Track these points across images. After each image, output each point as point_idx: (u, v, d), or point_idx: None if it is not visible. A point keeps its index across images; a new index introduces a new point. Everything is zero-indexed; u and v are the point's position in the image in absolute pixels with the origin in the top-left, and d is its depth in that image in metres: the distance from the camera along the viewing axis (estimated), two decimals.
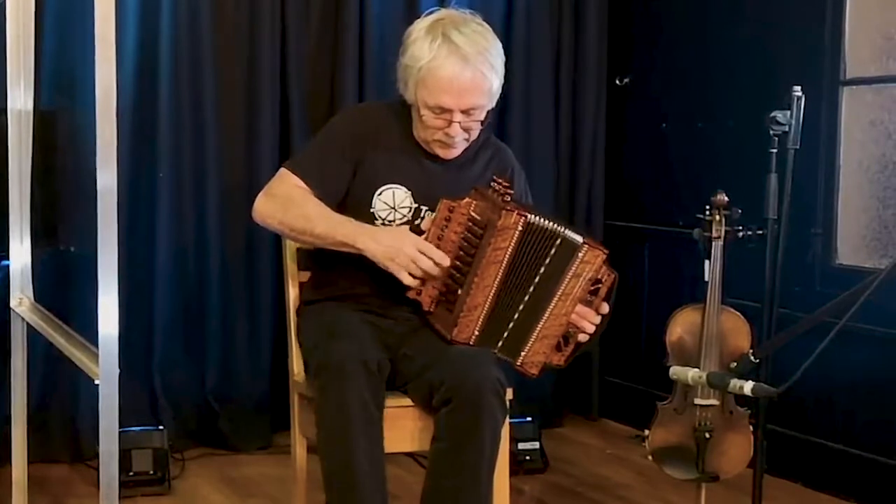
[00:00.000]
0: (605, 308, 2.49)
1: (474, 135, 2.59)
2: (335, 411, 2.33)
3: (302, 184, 2.56)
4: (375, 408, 2.36)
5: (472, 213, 2.45)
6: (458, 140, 2.55)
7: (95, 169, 2.10)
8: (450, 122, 2.51)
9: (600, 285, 2.47)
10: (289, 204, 2.55)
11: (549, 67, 4.24)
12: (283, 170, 2.62)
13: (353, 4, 3.91)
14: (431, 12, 2.60)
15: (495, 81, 2.53)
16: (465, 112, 2.51)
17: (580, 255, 2.44)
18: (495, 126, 4.06)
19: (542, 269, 2.45)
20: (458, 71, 2.47)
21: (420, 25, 2.55)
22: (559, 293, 2.45)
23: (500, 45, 2.57)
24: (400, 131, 2.63)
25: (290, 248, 2.76)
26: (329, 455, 2.36)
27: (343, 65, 3.94)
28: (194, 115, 3.77)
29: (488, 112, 2.57)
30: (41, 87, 3.26)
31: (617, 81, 4.39)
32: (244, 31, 3.82)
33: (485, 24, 2.58)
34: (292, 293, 2.75)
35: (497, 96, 2.57)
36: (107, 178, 2.12)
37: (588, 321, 2.48)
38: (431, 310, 2.49)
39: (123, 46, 3.58)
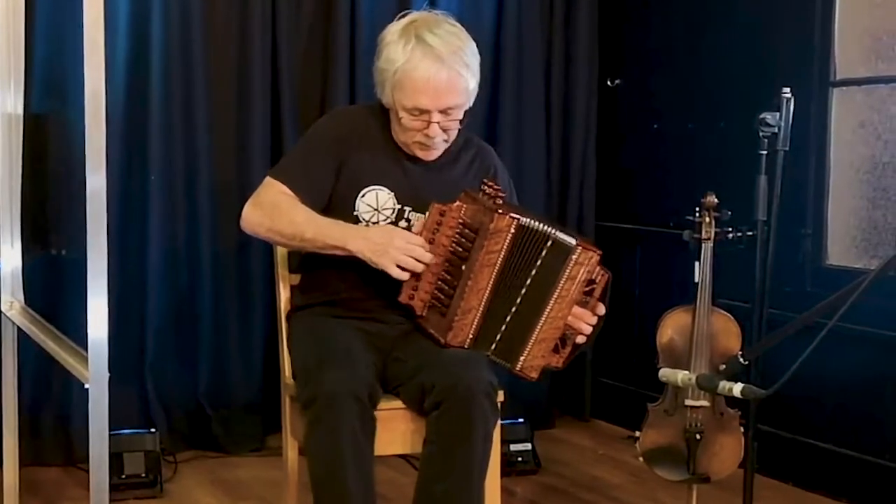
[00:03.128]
0: (602, 309, 2.50)
1: (453, 135, 2.59)
2: (326, 449, 2.33)
3: (287, 190, 2.57)
4: (365, 438, 2.36)
5: (464, 217, 2.45)
6: (437, 141, 2.56)
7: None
8: (428, 123, 2.52)
9: (594, 285, 2.47)
10: (276, 211, 2.55)
11: (540, 69, 4.24)
12: (268, 178, 2.62)
13: (343, 5, 3.92)
14: (404, 15, 2.61)
15: (471, 80, 2.54)
16: (443, 112, 2.51)
17: (574, 257, 2.44)
18: (487, 127, 4.07)
19: (534, 272, 2.45)
20: (433, 72, 2.48)
21: (393, 28, 2.56)
22: (555, 296, 2.45)
23: (474, 44, 2.58)
24: (381, 133, 2.64)
25: (280, 251, 2.76)
26: (321, 491, 2.37)
27: (334, 65, 3.94)
28: (185, 117, 3.76)
29: (466, 112, 2.58)
30: (32, 91, 3.27)
31: (608, 83, 4.40)
32: (235, 33, 3.82)
33: (457, 24, 2.60)
34: (283, 296, 2.75)
35: (474, 95, 2.58)
36: (96, 182, 2.12)
37: (584, 322, 2.49)
38: (423, 314, 2.49)
39: (114, 49, 3.58)
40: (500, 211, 2.42)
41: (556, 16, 4.28)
